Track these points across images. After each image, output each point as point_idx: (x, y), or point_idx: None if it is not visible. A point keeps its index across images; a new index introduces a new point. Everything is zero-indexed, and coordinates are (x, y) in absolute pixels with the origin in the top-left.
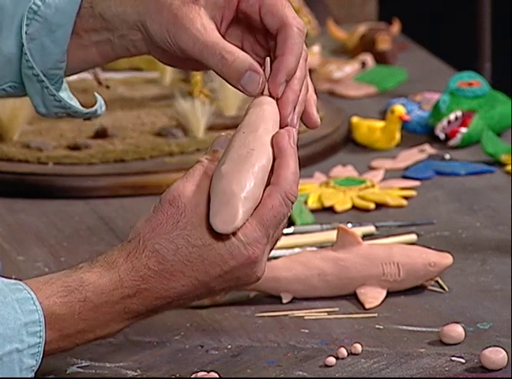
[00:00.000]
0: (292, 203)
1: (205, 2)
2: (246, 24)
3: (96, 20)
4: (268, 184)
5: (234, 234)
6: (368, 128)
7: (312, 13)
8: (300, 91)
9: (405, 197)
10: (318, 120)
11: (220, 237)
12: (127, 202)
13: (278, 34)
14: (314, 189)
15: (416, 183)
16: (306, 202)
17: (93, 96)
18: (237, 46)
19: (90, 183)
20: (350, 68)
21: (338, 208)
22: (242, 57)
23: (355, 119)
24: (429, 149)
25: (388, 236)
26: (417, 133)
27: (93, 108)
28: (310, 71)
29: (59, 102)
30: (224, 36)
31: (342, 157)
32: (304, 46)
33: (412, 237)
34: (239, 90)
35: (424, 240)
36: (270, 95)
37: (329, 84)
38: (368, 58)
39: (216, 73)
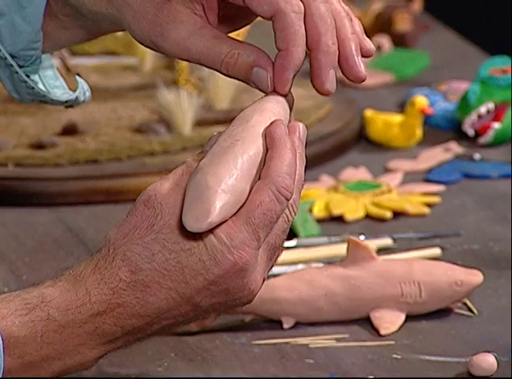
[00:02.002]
0: (287, 199)
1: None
2: (236, 10)
3: (73, 10)
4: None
5: (216, 236)
6: (384, 123)
7: None
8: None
9: (428, 205)
10: (362, 70)
11: (200, 240)
12: (100, 210)
13: (274, 22)
14: (320, 195)
15: (441, 188)
16: (311, 210)
17: (73, 80)
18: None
19: (57, 188)
20: None
21: (349, 217)
22: (243, 54)
23: (368, 113)
24: (455, 148)
25: (407, 250)
26: (442, 128)
27: (74, 94)
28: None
29: (32, 89)
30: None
31: (353, 157)
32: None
33: (436, 251)
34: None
35: (450, 254)
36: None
37: (338, 71)
38: (384, 41)
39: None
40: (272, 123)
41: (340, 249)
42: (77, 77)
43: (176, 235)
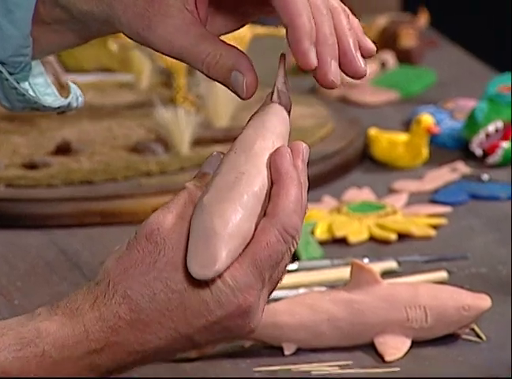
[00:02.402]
0: (293, 238)
1: None
2: (231, 9)
3: (63, 12)
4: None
5: (221, 277)
6: (389, 142)
7: None
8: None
9: (434, 227)
10: (362, 65)
11: (204, 281)
12: (95, 233)
13: (275, 5)
14: (322, 217)
15: (447, 209)
16: (313, 232)
17: (66, 87)
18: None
19: (50, 209)
20: (368, 67)
21: (352, 239)
22: (225, 56)
23: (372, 131)
24: (463, 168)
25: (413, 274)
26: (448, 148)
27: (66, 100)
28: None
29: (22, 96)
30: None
31: (357, 177)
32: None
33: (442, 275)
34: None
35: (457, 278)
36: (280, 103)
37: (341, 88)
38: (389, 57)
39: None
40: (276, 152)
41: (344, 272)
42: (70, 83)
43: (179, 274)
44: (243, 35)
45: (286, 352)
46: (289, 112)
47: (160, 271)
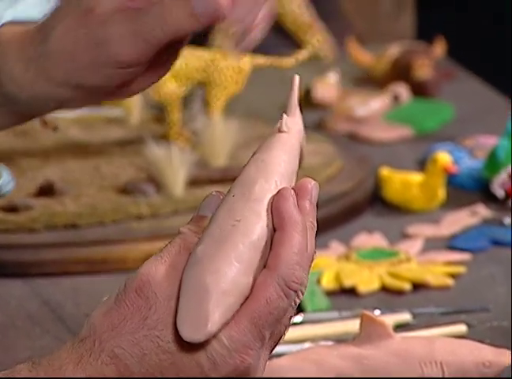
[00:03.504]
0: (296, 292)
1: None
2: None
3: (6, 98)
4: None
5: (216, 337)
6: (402, 183)
7: (328, 30)
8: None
9: (451, 275)
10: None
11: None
12: (81, 282)
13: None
14: (329, 264)
15: (466, 256)
16: (319, 281)
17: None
18: None
19: (31, 256)
20: (378, 103)
21: (362, 289)
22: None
23: (384, 171)
24: (483, 211)
25: (428, 327)
26: (467, 189)
27: None
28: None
29: None
30: None
31: (367, 221)
32: None
33: (461, 328)
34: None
35: (476, 332)
36: (288, 131)
37: (350, 123)
38: (402, 90)
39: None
40: (279, 194)
41: (353, 325)
42: (1, 165)
43: (171, 333)
44: (243, 66)
45: None
46: (301, 139)
47: (150, 329)
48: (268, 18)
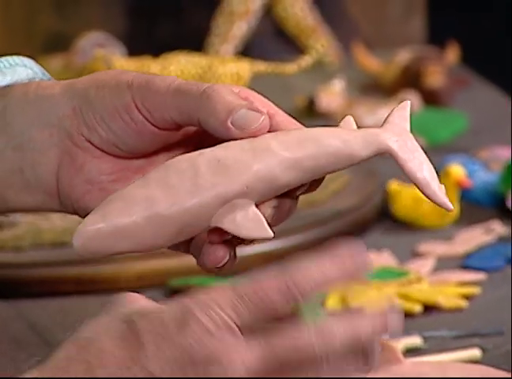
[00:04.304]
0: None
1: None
2: None
3: None
4: None
5: None
6: (412, 198)
7: (333, 34)
8: None
9: (465, 297)
10: None
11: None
12: (69, 303)
13: None
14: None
15: (481, 276)
16: (323, 303)
17: None
18: None
19: (17, 276)
20: (386, 112)
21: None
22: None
23: (393, 185)
24: (499, 228)
25: (440, 351)
26: (482, 204)
27: None
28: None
29: None
30: None
31: (375, 238)
32: None
33: (475, 352)
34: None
35: (491, 357)
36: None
37: None
38: (413, 99)
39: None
40: None
41: None
42: None
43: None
44: (242, 74)
45: None
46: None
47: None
48: None
